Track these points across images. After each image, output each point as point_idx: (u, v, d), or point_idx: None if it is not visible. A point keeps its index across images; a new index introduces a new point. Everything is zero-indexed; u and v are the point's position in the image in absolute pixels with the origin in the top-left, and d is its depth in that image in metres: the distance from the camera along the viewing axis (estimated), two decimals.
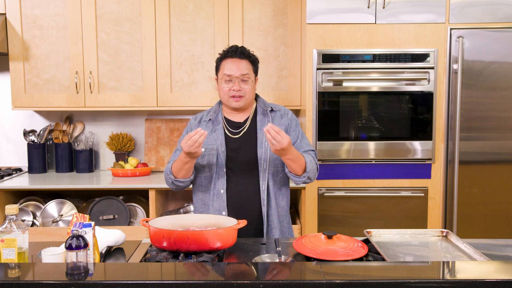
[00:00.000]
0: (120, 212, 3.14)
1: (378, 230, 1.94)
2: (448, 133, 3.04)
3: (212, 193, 2.17)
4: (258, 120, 2.21)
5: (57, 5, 3.28)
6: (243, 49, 2.17)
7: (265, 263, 1.62)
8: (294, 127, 2.22)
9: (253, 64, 2.19)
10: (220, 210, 2.15)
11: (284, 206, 2.23)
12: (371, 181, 3.06)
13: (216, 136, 2.19)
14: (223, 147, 2.16)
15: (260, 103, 2.25)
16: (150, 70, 3.30)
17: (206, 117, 2.25)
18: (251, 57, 2.18)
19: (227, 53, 2.17)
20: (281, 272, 1.48)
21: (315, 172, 2.16)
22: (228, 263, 1.60)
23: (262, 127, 2.16)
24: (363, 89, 3.03)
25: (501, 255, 1.88)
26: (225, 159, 2.16)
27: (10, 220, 1.58)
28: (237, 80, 2.12)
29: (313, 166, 2.13)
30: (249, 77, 2.14)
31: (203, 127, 2.22)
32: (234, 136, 2.19)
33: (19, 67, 3.29)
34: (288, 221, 2.25)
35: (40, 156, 3.52)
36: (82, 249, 1.44)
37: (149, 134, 3.62)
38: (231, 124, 2.21)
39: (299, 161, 2.06)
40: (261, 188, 2.15)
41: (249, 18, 3.28)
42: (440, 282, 1.39)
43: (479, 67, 2.99)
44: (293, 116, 2.25)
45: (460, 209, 3.05)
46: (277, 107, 2.25)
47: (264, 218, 2.15)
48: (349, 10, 2.98)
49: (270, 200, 2.17)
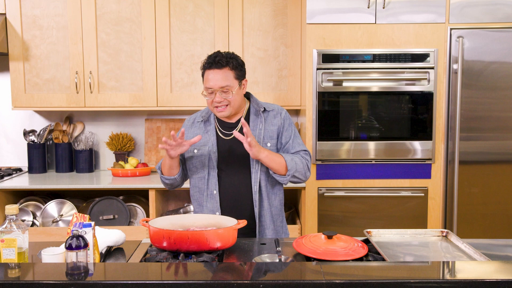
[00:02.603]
0: (120, 212, 3.14)
1: (378, 230, 1.94)
2: (448, 133, 3.04)
3: (206, 194, 2.19)
4: (251, 120, 2.20)
5: (57, 5, 3.28)
6: (220, 58, 2.08)
7: (265, 263, 1.62)
8: (287, 126, 2.21)
9: (236, 69, 2.10)
10: (214, 211, 2.16)
11: (277, 205, 2.22)
12: (371, 181, 3.06)
13: (208, 138, 2.19)
14: (214, 148, 2.17)
15: (253, 103, 2.22)
16: (150, 70, 3.30)
17: (198, 118, 2.25)
18: (229, 63, 2.08)
19: (205, 64, 2.12)
20: (281, 272, 1.48)
21: (305, 171, 2.14)
22: (228, 263, 1.60)
23: (255, 128, 2.17)
24: (363, 89, 3.03)
25: (501, 255, 1.88)
26: (217, 160, 2.17)
27: (10, 220, 1.58)
28: (217, 91, 2.08)
29: (298, 165, 2.11)
30: (229, 88, 2.07)
31: (196, 128, 2.23)
32: (226, 138, 2.19)
33: (19, 67, 3.29)
34: (281, 220, 2.25)
35: (40, 156, 3.52)
36: (82, 249, 1.44)
37: (149, 134, 3.62)
38: (223, 125, 2.21)
39: (275, 160, 2.07)
40: (253, 189, 2.15)
41: (249, 18, 3.28)
42: (440, 282, 1.39)
43: (479, 67, 2.99)
44: (286, 115, 2.23)
45: (460, 209, 3.05)
46: (271, 107, 2.23)
47: (256, 219, 2.16)
48: (349, 10, 2.98)
49: (263, 200, 2.17)
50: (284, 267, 1.53)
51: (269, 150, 2.10)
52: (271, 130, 2.18)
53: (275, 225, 2.21)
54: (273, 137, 2.18)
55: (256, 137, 2.16)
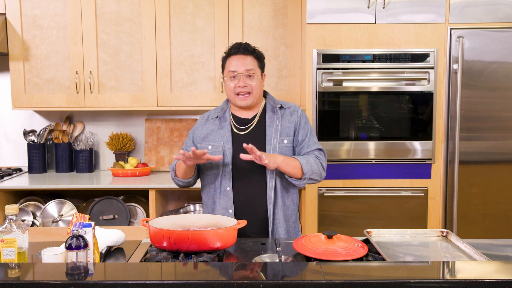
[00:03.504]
0: (120, 212, 3.14)
1: (378, 230, 1.94)
2: (448, 133, 3.04)
3: (219, 190, 2.16)
4: (268, 117, 2.18)
5: (57, 5, 3.28)
6: (247, 45, 2.15)
7: (265, 263, 1.62)
8: (303, 124, 2.19)
9: (259, 60, 2.16)
10: (227, 208, 2.14)
11: (290, 204, 2.20)
12: (371, 181, 3.06)
13: (222, 133, 2.17)
14: (229, 144, 2.14)
15: (269, 100, 2.22)
16: (150, 70, 3.30)
17: (213, 115, 2.23)
18: (255, 52, 2.15)
19: (231, 50, 2.16)
20: (281, 272, 1.48)
21: (320, 171, 2.13)
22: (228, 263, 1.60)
23: (271, 124, 2.16)
24: (363, 89, 3.03)
25: (501, 255, 1.88)
26: (232, 156, 2.14)
27: (10, 220, 1.58)
28: (242, 76, 2.10)
29: (313, 167, 2.10)
30: (255, 73, 2.12)
31: (210, 124, 2.21)
32: (242, 133, 2.17)
33: (19, 67, 3.29)
34: (294, 220, 2.22)
35: (40, 156, 3.52)
36: (82, 249, 1.44)
37: (149, 134, 3.62)
38: (239, 121, 2.19)
39: (291, 165, 2.06)
40: (268, 186, 2.13)
41: (249, 18, 3.28)
42: (440, 282, 1.39)
43: (479, 67, 2.99)
44: (303, 114, 2.22)
45: (460, 209, 3.05)
46: (287, 104, 2.22)
47: (269, 217, 2.13)
48: (349, 10, 2.98)
49: (277, 198, 2.14)
50: (284, 267, 1.53)
51: (283, 156, 2.08)
52: (287, 127, 2.17)
53: (288, 225, 2.18)
54: (290, 134, 2.16)
55: (273, 133, 2.15)
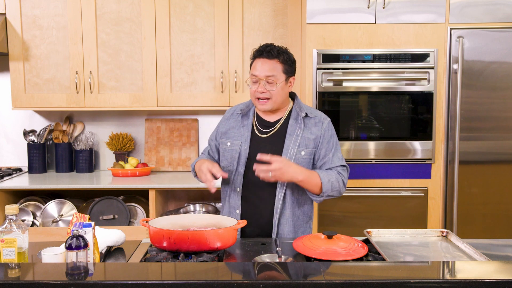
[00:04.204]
0: (120, 212, 3.14)
1: (378, 230, 1.94)
2: (448, 133, 3.04)
3: (231, 189, 2.13)
4: (289, 124, 2.09)
5: (57, 5, 3.28)
6: (271, 49, 2.03)
7: (265, 263, 1.62)
8: (328, 138, 2.09)
9: (285, 64, 2.04)
10: (235, 208, 2.11)
11: (300, 215, 2.12)
12: (371, 181, 3.06)
13: (242, 132, 2.13)
14: (246, 145, 2.10)
15: (296, 106, 2.12)
16: (150, 70, 3.30)
17: (238, 111, 2.18)
18: (280, 56, 2.03)
19: (257, 52, 2.06)
20: (281, 272, 1.48)
21: (339, 188, 2.05)
22: (228, 263, 1.60)
23: (292, 134, 2.08)
24: (363, 89, 3.03)
25: (501, 255, 1.88)
26: (246, 157, 2.09)
27: (10, 220, 1.58)
28: (262, 81, 2.02)
29: (334, 184, 2.02)
30: (275, 79, 2.01)
31: (233, 120, 2.17)
32: (262, 136, 2.11)
33: (19, 67, 3.29)
34: (303, 231, 2.13)
35: (40, 156, 3.52)
36: (82, 249, 1.44)
37: (149, 134, 3.62)
38: (262, 123, 2.13)
39: (311, 183, 1.99)
40: (277, 195, 2.07)
41: (249, 18, 3.28)
42: (440, 282, 1.39)
43: (479, 67, 2.99)
44: (329, 126, 2.11)
45: (460, 209, 3.05)
46: (313, 113, 2.12)
47: (274, 226, 2.08)
48: (349, 10, 2.98)
49: (285, 209, 2.08)
50: (284, 267, 1.53)
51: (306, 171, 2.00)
52: (308, 138, 2.07)
53: (296, 235, 2.10)
54: (309, 146, 2.07)
55: (291, 142, 2.07)
